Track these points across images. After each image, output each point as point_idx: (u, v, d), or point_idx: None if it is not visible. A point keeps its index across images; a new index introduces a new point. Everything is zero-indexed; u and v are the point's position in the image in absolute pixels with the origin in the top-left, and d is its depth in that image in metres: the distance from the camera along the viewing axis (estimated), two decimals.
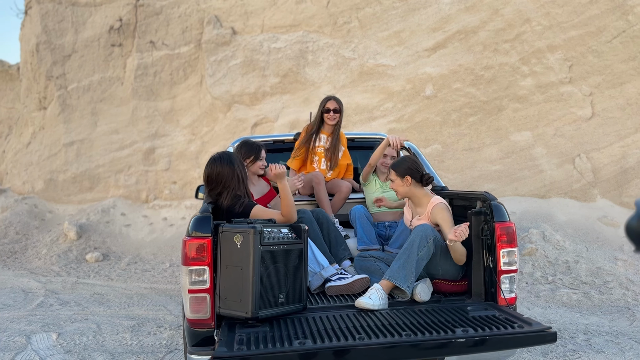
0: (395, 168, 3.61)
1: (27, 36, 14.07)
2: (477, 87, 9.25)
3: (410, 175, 3.56)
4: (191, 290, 2.79)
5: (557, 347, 4.47)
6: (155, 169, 12.05)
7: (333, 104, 4.76)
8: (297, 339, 2.52)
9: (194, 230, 2.84)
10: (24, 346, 4.87)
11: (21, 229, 11.46)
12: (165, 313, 6.05)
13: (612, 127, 8.55)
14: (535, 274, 6.83)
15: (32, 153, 13.77)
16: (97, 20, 12.88)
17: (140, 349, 4.72)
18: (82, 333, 5.22)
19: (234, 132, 11.04)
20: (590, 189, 8.53)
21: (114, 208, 11.75)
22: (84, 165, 12.53)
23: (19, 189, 13.83)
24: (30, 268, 9.50)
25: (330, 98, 4.81)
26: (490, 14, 9.21)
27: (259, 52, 11.10)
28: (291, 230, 3.06)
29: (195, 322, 2.84)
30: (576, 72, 8.79)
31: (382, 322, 2.77)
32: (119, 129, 12.47)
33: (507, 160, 9.03)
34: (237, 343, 2.47)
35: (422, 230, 3.22)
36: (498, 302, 3.09)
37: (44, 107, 13.58)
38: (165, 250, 10.01)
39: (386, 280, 3.14)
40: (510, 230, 3.10)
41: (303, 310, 3.02)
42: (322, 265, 3.47)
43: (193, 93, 11.99)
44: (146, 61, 12.20)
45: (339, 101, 4.81)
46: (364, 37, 10.32)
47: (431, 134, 9.48)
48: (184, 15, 12.07)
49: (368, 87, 10.10)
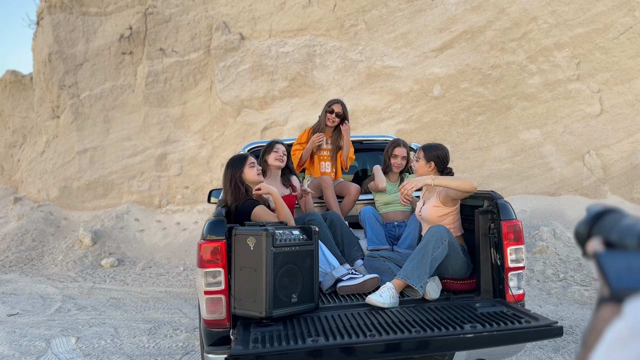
0: (425, 150, 3.72)
1: (39, 46, 14.31)
2: (484, 86, 9.27)
3: (435, 162, 3.71)
4: (207, 292, 2.87)
5: (569, 344, 4.50)
6: (168, 174, 12.19)
7: (337, 107, 4.84)
8: (310, 336, 2.58)
9: (208, 234, 2.92)
10: (45, 350, 4.99)
11: (37, 236, 11.65)
12: (181, 316, 6.15)
13: (621, 123, 8.54)
14: (546, 271, 6.84)
15: (46, 161, 13.98)
16: (108, 29, 13.08)
17: (157, 352, 4.82)
18: (100, 337, 5.34)
19: (244, 136, 11.15)
20: (600, 186, 8.52)
21: (128, 214, 11.90)
22: (98, 172, 12.71)
23: (34, 196, 14.05)
24: (47, 274, 9.66)
25: (337, 101, 4.88)
26: (497, 13, 9.23)
27: (267, 57, 11.20)
28: (302, 232, 3.13)
29: (212, 323, 2.91)
30: (584, 69, 8.78)
31: (392, 320, 2.83)
32: (131, 136, 12.63)
33: (516, 159, 9.04)
34: (253, 342, 2.55)
35: (437, 231, 3.26)
36: (506, 298, 3.14)
37: (57, 116, 13.80)
38: (178, 254, 10.13)
39: (399, 280, 3.18)
40: (517, 228, 3.15)
41: (315, 310, 3.09)
42: (333, 265, 3.54)
43: (203, 99, 12.12)
44: (156, 68, 12.36)
45: (344, 107, 4.87)
46: (371, 39, 10.38)
47: (440, 134, 9.52)
48: (192, 22, 12.22)
49: (376, 88, 10.16)
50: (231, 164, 3.76)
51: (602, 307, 0.65)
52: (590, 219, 0.78)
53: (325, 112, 4.87)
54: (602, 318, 0.64)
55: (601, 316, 0.64)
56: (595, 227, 0.76)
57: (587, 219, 0.78)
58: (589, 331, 0.65)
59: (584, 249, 0.77)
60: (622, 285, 0.63)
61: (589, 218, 0.78)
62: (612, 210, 0.76)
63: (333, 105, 4.85)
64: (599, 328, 0.63)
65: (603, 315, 0.64)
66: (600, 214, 0.77)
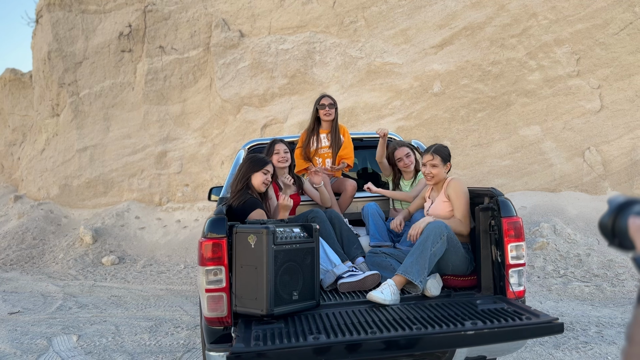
0: (439, 154, 3.73)
1: (38, 44, 14.30)
2: (484, 82, 9.27)
3: (449, 161, 3.77)
4: (208, 290, 2.87)
5: (570, 340, 4.51)
6: (168, 172, 12.20)
7: (327, 100, 4.86)
8: (312, 334, 2.59)
9: (209, 232, 2.92)
10: (46, 348, 5.01)
11: (38, 234, 11.67)
12: (182, 313, 6.16)
13: (621, 119, 8.54)
14: (547, 267, 6.85)
15: (46, 159, 13.99)
16: (107, 27, 13.06)
17: (158, 349, 4.83)
18: (102, 334, 5.35)
19: (244, 133, 11.15)
20: (600, 182, 8.52)
21: (128, 212, 11.91)
22: (98, 170, 12.72)
23: (34, 195, 14.06)
24: (48, 272, 9.68)
25: (324, 95, 4.93)
26: (496, 10, 9.22)
27: (266, 54, 11.19)
28: (303, 229, 3.14)
29: (213, 320, 2.92)
30: (584, 65, 8.78)
31: (393, 317, 2.83)
32: (131, 134, 12.63)
33: (516, 155, 9.04)
34: (254, 339, 2.55)
35: (436, 226, 3.27)
36: (507, 295, 3.14)
37: (57, 114, 13.80)
38: (179, 252, 10.15)
39: (399, 275, 3.19)
40: (518, 225, 3.15)
41: (316, 307, 3.10)
42: (334, 263, 3.55)
43: (203, 96, 12.11)
44: (156, 66, 12.35)
45: (333, 98, 4.92)
46: (371, 36, 10.37)
47: (440, 130, 9.52)
48: (192, 19, 12.20)
49: (376, 85, 10.15)
50: (252, 161, 3.76)
51: None
52: (613, 210, 0.78)
53: (316, 110, 4.87)
54: None
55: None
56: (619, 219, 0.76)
57: (610, 210, 0.78)
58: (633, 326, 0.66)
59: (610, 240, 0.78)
60: None
61: (613, 209, 0.78)
62: (636, 201, 0.76)
63: (322, 100, 4.87)
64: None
65: None
66: (623, 205, 0.77)
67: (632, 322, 0.66)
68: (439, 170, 3.70)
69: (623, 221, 0.75)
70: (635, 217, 0.73)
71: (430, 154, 3.71)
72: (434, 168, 3.69)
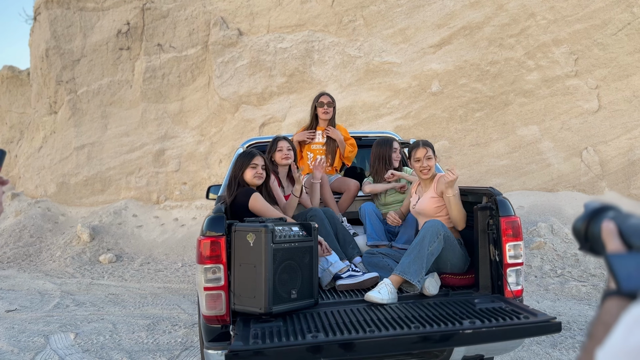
0: (431, 147, 3.75)
1: (36, 42, 14.26)
2: (483, 82, 9.28)
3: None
4: (207, 288, 2.87)
5: (567, 339, 4.52)
6: (166, 170, 12.18)
7: (326, 98, 4.88)
8: (310, 332, 2.59)
9: (208, 230, 2.92)
10: (44, 346, 5.00)
11: (35, 232, 11.64)
12: (180, 312, 6.16)
13: (618, 119, 8.56)
14: (544, 267, 6.87)
15: (43, 157, 13.96)
16: (105, 24, 13.03)
17: (156, 347, 4.83)
18: (99, 332, 5.34)
19: (242, 132, 11.14)
20: (597, 182, 8.54)
21: (126, 210, 11.90)
22: (95, 168, 12.69)
23: (31, 192, 14.03)
24: (45, 270, 9.66)
25: (323, 93, 4.94)
26: (495, 9, 9.23)
27: (265, 53, 11.18)
28: (302, 228, 3.14)
29: (211, 319, 2.92)
30: (582, 66, 8.80)
31: (391, 316, 2.84)
32: (129, 132, 12.61)
33: (514, 155, 9.06)
34: (253, 337, 2.55)
35: (432, 225, 3.28)
36: (505, 294, 3.15)
37: (55, 112, 13.76)
38: (177, 250, 10.14)
39: (396, 275, 3.19)
40: (516, 224, 3.16)
41: (315, 306, 3.10)
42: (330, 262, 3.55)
43: (201, 94, 12.10)
44: (154, 64, 12.33)
45: (331, 96, 4.94)
46: (369, 35, 10.37)
47: (438, 130, 9.53)
48: (190, 17, 12.19)
49: (374, 84, 10.16)
50: (239, 159, 3.80)
51: (609, 301, 0.66)
52: (587, 215, 0.79)
53: (315, 108, 4.89)
54: (608, 311, 0.66)
55: (608, 309, 0.66)
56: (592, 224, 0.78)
57: (584, 215, 0.79)
58: (595, 323, 0.67)
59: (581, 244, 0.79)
60: (632, 286, 0.64)
61: (587, 214, 0.79)
62: (610, 207, 0.78)
63: (321, 98, 4.88)
64: (605, 320, 0.65)
65: (610, 308, 0.66)
66: (597, 211, 0.78)
67: (595, 319, 0.68)
68: (433, 163, 3.72)
69: (596, 227, 0.76)
70: (608, 221, 0.74)
71: (424, 147, 3.71)
72: (429, 160, 3.69)
